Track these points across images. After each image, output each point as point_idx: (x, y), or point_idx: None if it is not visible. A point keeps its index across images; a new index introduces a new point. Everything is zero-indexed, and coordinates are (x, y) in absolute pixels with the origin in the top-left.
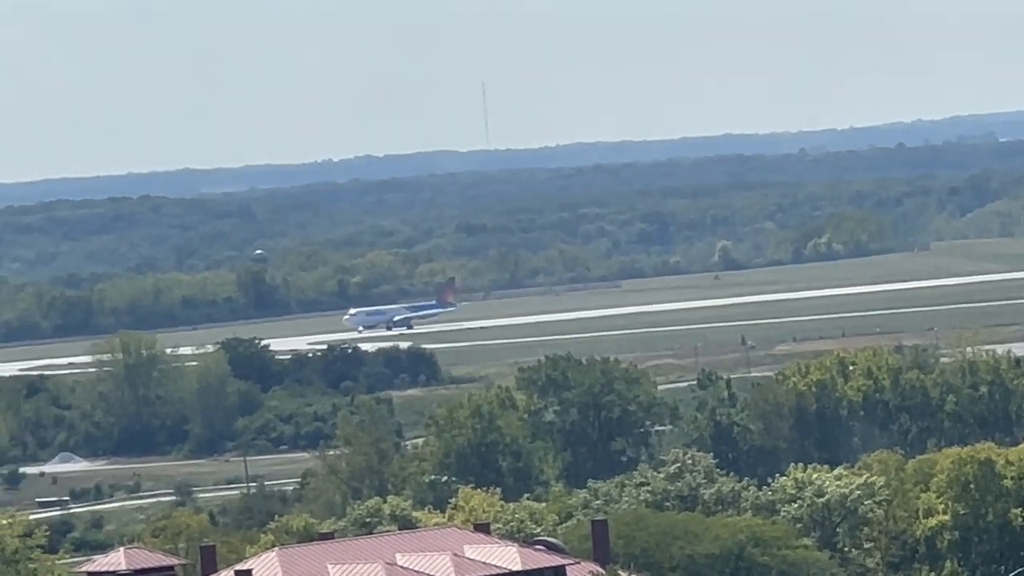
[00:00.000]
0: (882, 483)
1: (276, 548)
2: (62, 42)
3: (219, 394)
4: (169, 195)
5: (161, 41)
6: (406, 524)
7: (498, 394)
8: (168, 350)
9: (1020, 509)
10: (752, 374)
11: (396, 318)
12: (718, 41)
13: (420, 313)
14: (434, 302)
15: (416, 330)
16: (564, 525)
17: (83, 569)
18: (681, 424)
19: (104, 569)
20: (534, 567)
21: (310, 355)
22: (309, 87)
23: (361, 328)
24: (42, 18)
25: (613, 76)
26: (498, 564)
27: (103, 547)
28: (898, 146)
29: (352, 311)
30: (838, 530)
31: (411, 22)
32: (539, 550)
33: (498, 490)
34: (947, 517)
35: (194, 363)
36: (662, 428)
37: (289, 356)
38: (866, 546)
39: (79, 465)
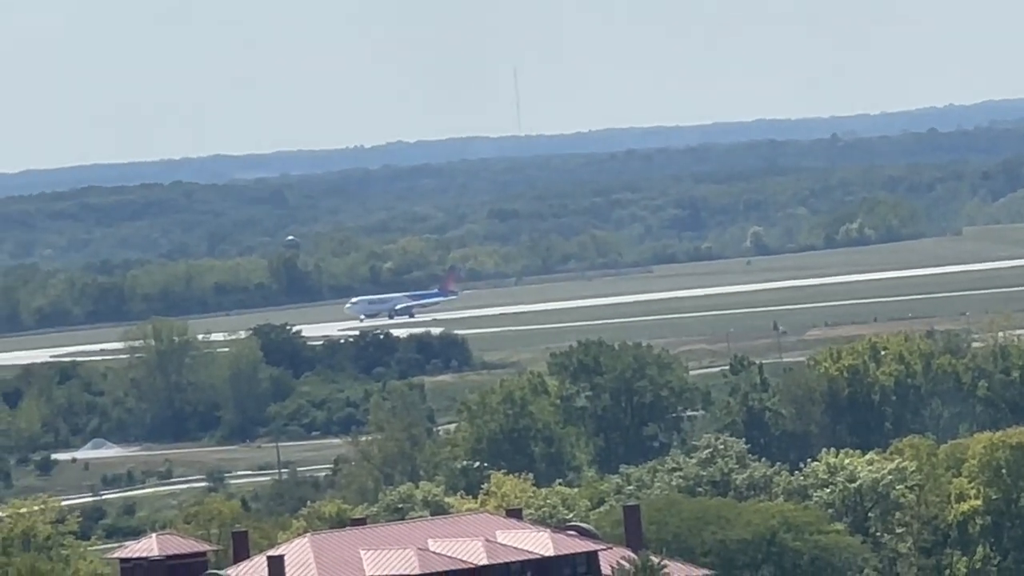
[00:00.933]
0: (914, 468)
1: (308, 534)
2: (95, 30)
3: (251, 380)
4: (201, 181)
5: (193, 27)
6: (438, 510)
7: (530, 380)
8: (200, 336)
9: None
10: (784, 359)
11: (398, 307)
12: (750, 27)
13: (422, 302)
14: (436, 290)
15: (448, 316)
16: (596, 510)
17: (115, 555)
18: (713, 409)
19: (136, 555)
20: (566, 552)
21: (342, 341)
22: (341, 73)
23: (363, 317)
24: (76, 6)
25: (645, 61)
26: (530, 549)
27: (135, 533)
28: (930, 131)
29: (354, 300)
30: (870, 515)
31: (443, 8)
32: (571, 535)
33: (530, 476)
34: (979, 502)
35: (226, 349)
36: (694, 413)
37: (321, 342)
38: (898, 531)
39: (111, 451)
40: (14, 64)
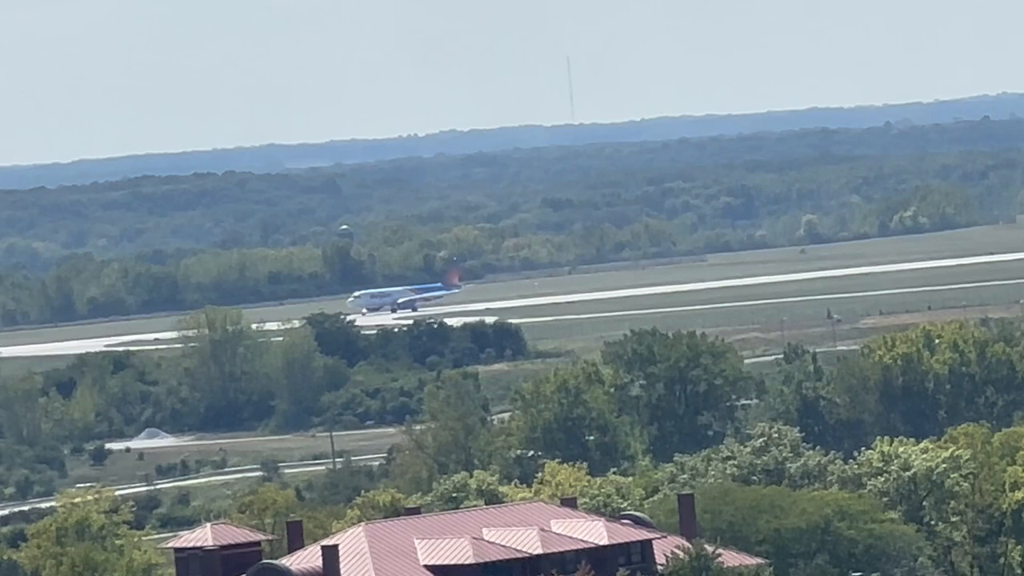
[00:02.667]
0: (968, 456)
1: (362, 523)
2: (148, 19)
3: (305, 369)
4: (254, 170)
5: (246, 16)
6: (493, 499)
7: (584, 368)
8: (254, 326)
9: None
10: (838, 348)
11: (400, 300)
12: (804, 15)
13: (425, 295)
14: (439, 284)
15: (502, 304)
16: (650, 499)
17: (169, 545)
18: (767, 398)
19: (191, 545)
20: (621, 541)
21: (396, 330)
22: (395, 62)
23: (365, 310)
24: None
25: (699, 49)
26: (585, 539)
27: (189, 523)
28: (984, 119)
29: (356, 293)
30: (924, 504)
31: None
32: (626, 524)
33: (584, 465)
34: None
35: (280, 338)
36: (748, 402)
37: (375, 331)
38: (952, 520)
39: (165, 441)
40: (67, 54)
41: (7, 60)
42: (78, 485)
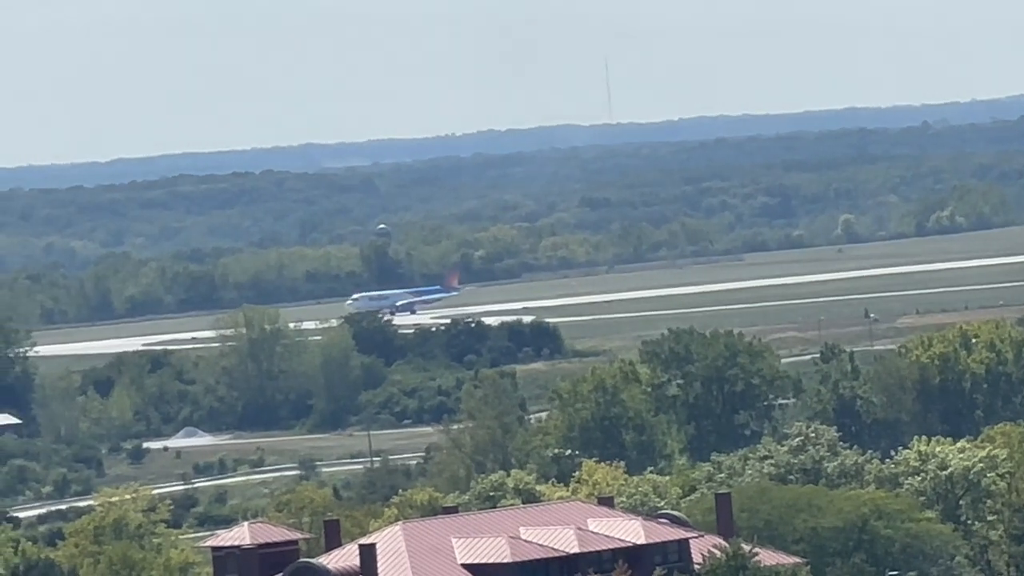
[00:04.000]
0: (1005, 456)
1: (400, 522)
2: (187, 18)
3: (342, 368)
4: (292, 170)
5: (285, 16)
6: (530, 498)
7: (621, 367)
8: (291, 324)
9: None
10: (875, 347)
11: (399, 303)
12: (842, 14)
13: (424, 298)
14: (438, 287)
15: (540, 304)
16: (688, 498)
17: (207, 544)
18: (804, 397)
19: (228, 544)
20: (658, 540)
21: (433, 329)
22: (433, 62)
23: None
24: None
25: (735, 49)
26: (622, 537)
27: (227, 522)
28: (1021, 118)
29: (355, 296)
30: (961, 503)
31: None
32: (663, 523)
33: (622, 464)
34: None
35: (318, 337)
36: (785, 401)
37: (413, 330)
38: (989, 519)
39: (203, 440)
40: (106, 53)
41: (46, 59)
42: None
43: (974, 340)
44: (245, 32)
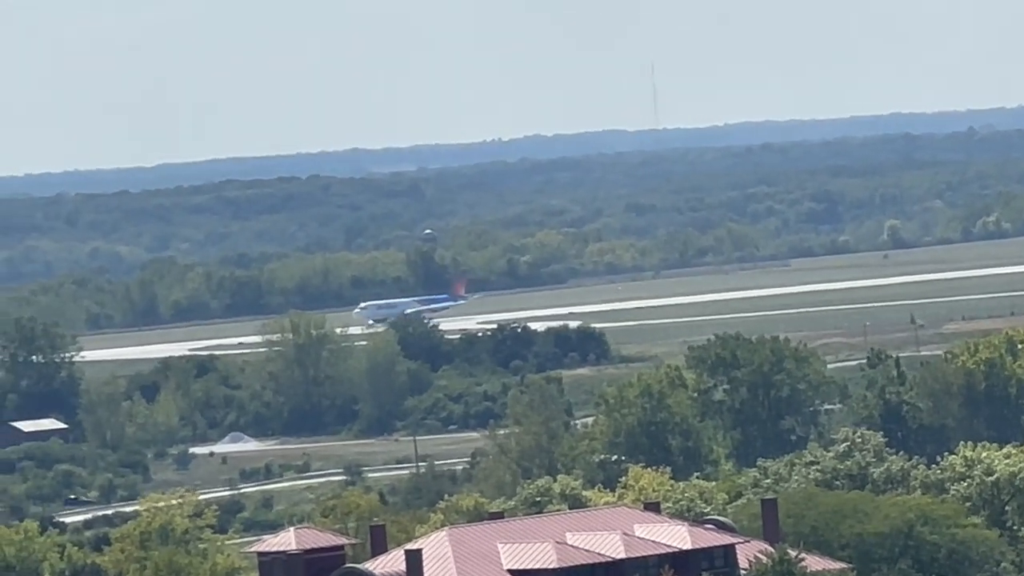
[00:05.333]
0: None
1: (446, 527)
2: (233, 23)
3: (389, 374)
4: (338, 175)
5: (331, 21)
6: (576, 503)
7: (668, 373)
8: (338, 330)
9: None
10: (921, 353)
11: (407, 311)
12: (887, 21)
13: (432, 306)
14: (445, 295)
15: (586, 309)
16: (734, 504)
17: (253, 549)
18: (850, 403)
19: (274, 549)
20: (704, 546)
21: (480, 334)
22: (479, 67)
23: (371, 321)
24: (206, 2)
25: (781, 55)
26: (668, 543)
27: (273, 527)
28: None
29: (363, 304)
30: (1007, 508)
31: (580, 1)
32: (709, 529)
33: (668, 469)
34: None
35: (364, 343)
36: (831, 407)
37: (459, 335)
38: None
39: (249, 445)
40: (151, 58)
41: (91, 65)
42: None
43: (1020, 346)
44: (292, 37)
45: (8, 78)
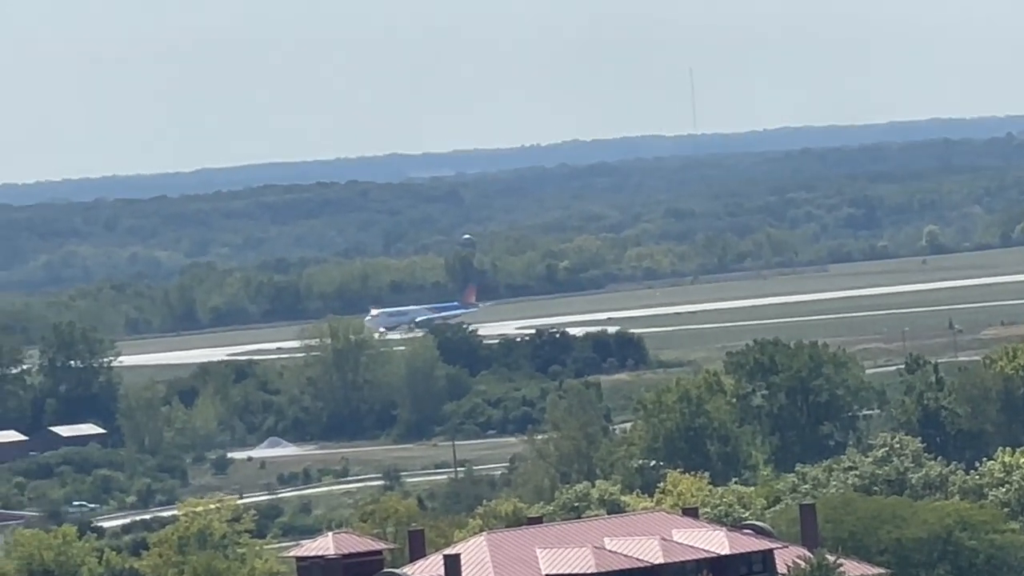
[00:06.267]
0: None
1: (484, 532)
2: (271, 28)
3: (427, 379)
4: (377, 180)
5: (369, 26)
6: (614, 508)
7: (706, 378)
8: (376, 335)
9: None
10: (960, 358)
11: (418, 319)
12: (925, 26)
13: (442, 314)
14: (456, 303)
15: (624, 314)
16: (772, 509)
17: (291, 554)
18: (889, 408)
19: (313, 554)
20: (742, 551)
21: (518, 339)
22: (517, 72)
23: (383, 329)
24: (250, 5)
25: (819, 60)
26: (706, 548)
27: (311, 532)
28: None
29: (374, 312)
30: None
31: (619, 7)
32: (747, 534)
33: (706, 474)
34: None
35: (402, 348)
36: (870, 412)
37: (497, 341)
38: None
39: (287, 450)
40: (190, 63)
41: (130, 70)
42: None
43: None
44: (330, 42)
45: (47, 84)
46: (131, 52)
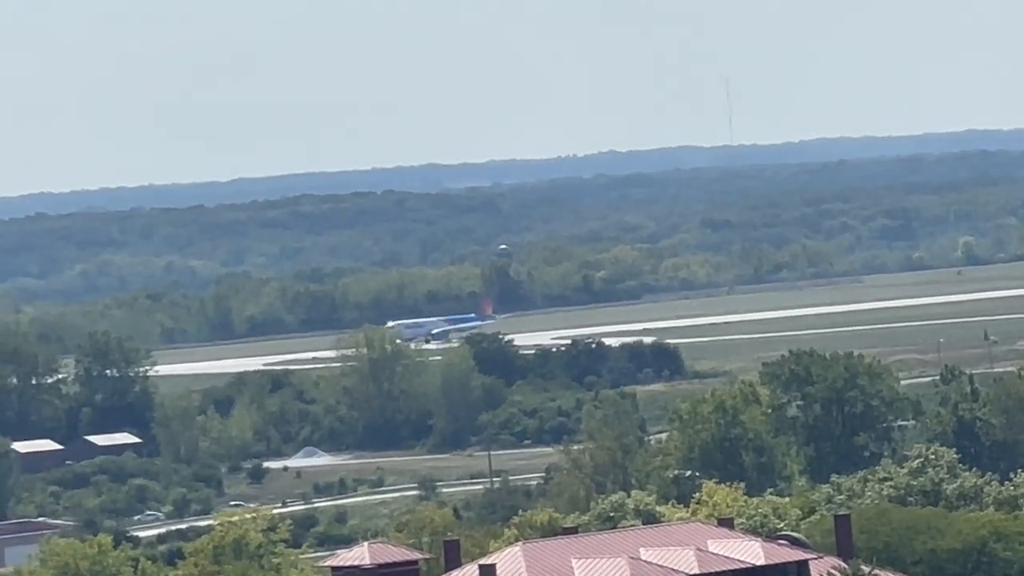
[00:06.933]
0: None
1: (520, 543)
2: (309, 38)
3: (463, 389)
4: (413, 190)
5: (406, 37)
6: (650, 519)
7: (741, 389)
8: (412, 344)
9: None
10: (995, 369)
11: (434, 331)
12: (962, 38)
13: (459, 326)
14: (472, 314)
15: (660, 325)
16: (807, 520)
17: (327, 564)
18: (924, 419)
19: (348, 564)
20: (777, 562)
21: (554, 350)
22: (553, 82)
23: (398, 341)
24: (286, 11)
25: (857, 71)
26: (742, 559)
27: (347, 542)
28: None
29: (390, 323)
30: None
31: (655, 18)
32: (782, 545)
33: (741, 485)
34: None
35: (438, 358)
36: (905, 423)
37: (533, 351)
38: None
39: (323, 460)
40: (226, 72)
41: (166, 79)
42: (233, 503)
43: None
44: (367, 52)
45: (83, 93)
46: (168, 61)
